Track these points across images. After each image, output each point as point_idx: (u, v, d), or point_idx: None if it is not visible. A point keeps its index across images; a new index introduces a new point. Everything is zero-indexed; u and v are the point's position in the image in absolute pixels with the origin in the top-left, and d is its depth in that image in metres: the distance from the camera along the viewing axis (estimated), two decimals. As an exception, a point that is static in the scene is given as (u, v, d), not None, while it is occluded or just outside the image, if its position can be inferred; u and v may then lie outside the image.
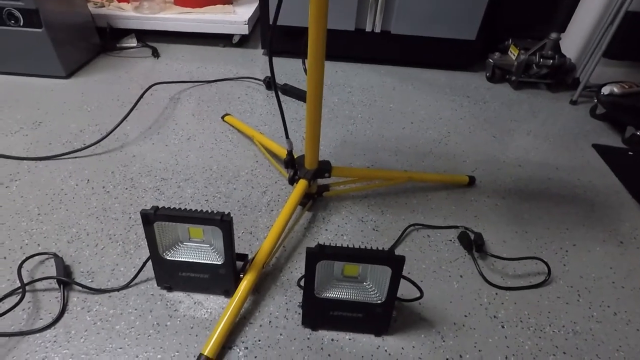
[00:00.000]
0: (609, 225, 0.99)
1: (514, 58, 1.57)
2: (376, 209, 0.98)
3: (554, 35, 1.48)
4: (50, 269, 0.78)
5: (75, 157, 1.07)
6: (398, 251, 0.88)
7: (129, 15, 1.64)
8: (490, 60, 1.59)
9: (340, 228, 0.92)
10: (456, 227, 0.95)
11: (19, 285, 0.73)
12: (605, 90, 1.42)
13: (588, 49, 1.52)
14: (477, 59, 1.65)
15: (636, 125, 1.29)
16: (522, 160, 1.19)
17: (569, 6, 1.46)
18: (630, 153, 1.27)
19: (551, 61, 1.50)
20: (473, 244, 0.88)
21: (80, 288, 0.75)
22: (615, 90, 1.41)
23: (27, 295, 0.73)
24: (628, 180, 1.14)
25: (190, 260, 0.72)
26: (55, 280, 0.76)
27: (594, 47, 1.48)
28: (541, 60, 1.51)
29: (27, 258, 0.79)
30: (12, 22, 1.29)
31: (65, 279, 0.75)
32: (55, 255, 0.80)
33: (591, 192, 1.09)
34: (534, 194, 1.07)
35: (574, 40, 1.58)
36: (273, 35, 0.75)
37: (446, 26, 1.55)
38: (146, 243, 0.71)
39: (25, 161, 1.04)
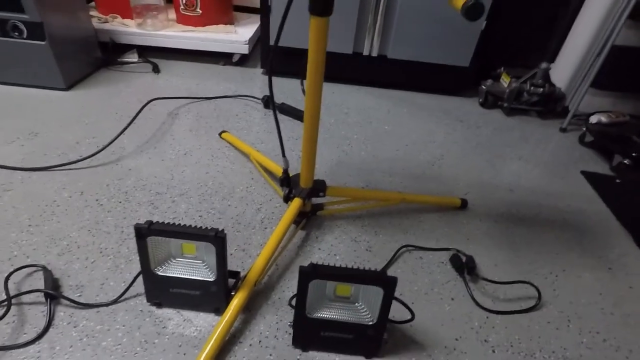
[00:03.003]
0: (598, 252, 1.00)
1: (505, 85, 1.61)
2: (369, 229, 0.99)
3: (544, 65, 1.53)
4: (38, 281, 0.77)
5: (70, 169, 1.07)
6: (390, 272, 0.88)
7: (132, 32, 1.67)
8: (483, 87, 1.64)
9: (333, 247, 0.93)
10: (448, 249, 0.95)
11: (5, 298, 0.72)
12: (594, 119, 1.47)
13: (577, 79, 1.57)
14: (471, 85, 1.70)
15: (623, 154, 1.33)
16: (514, 185, 1.21)
17: (558, 38, 1.52)
18: (617, 180, 1.30)
19: (541, 89, 1.55)
20: (465, 267, 0.89)
21: (68, 302, 0.74)
22: (603, 119, 1.46)
23: (13, 308, 0.72)
24: (616, 208, 1.16)
25: (182, 276, 0.71)
26: (42, 293, 0.74)
27: (582, 77, 1.53)
28: (532, 88, 1.56)
29: (15, 270, 0.78)
30: (16, 34, 1.31)
31: (53, 293, 0.74)
32: (44, 268, 0.79)
33: (581, 218, 1.11)
34: (525, 218, 1.09)
35: (563, 70, 1.63)
36: (273, 57, 0.77)
37: (441, 52, 1.60)
38: (138, 258, 0.71)
39: (19, 171, 1.04)
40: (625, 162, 1.32)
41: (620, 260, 0.99)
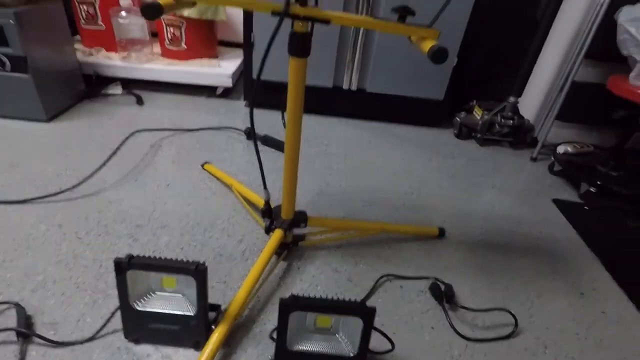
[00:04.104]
0: (571, 277, 1.04)
1: (478, 118, 1.70)
2: (350, 259, 1.00)
3: (512, 99, 1.63)
4: (10, 319, 0.75)
5: (49, 202, 1.06)
6: (371, 302, 0.89)
7: (116, 64, 1.70)
8: (457, 119, 1.72)
9: (314, 278, 0.93)
10: (427, 278, 0.97)
11: (-26, 337, 0.69)
12: (560, 149, 1.56)
13: (543, 111, 1.68)
14: (446, 117, 1.78)
15: (589, 182, 1.40)
16: (488, 213, 1.26)
17: (524, 73, 1.62)
18: (585, 208, 1.36)
19: (511, 122, 1.64)
20: (444, 295, 0.91)
21: (41, 341, 0.72)
22: (569, 149, 1.54)
23: (-18, 348, 0.69)
24: (585, 234, 1.21)
25: (161, 311, 0.71)
26: (14, 332, 0.72)
27: (548, 110, 1.63)
28: (502, 120, 1.65)
29: (-14, 308, 0.76)
30: (0, 66, 1.32)
31: (25, 331, 0.72)
32: (16, 305, 0.77)
33: (553, 245, 1.16)
34: (500, 246, 1.12)
35: (530, 102, 1.74)
36: (256, 90, 0.80)
37: (416, 87, 1.68)
38: (116, 292, 0.70)
39: (-6, 205, 1.02)
40: (591, 189, 1.40)
41: (591, 284, 1.03)
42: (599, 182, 1.38)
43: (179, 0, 0.67)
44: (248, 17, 1.54)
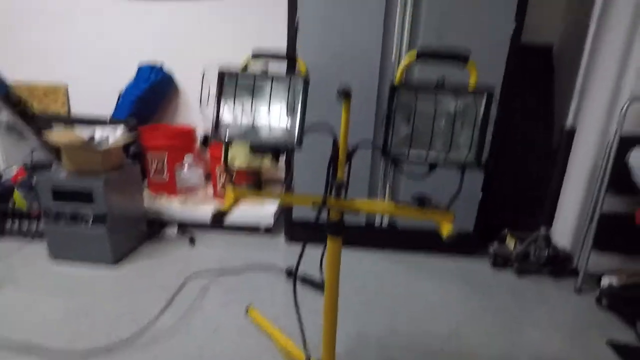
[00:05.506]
0: None
1: (512, 247, 1.73)
2: (392, 419, 0.98)
3: (543, 231, 1.66)
4: None
5: (109, 351, 1.16)
6: None
7: (175, 209, 1.95)
8: (491, 249, 1.76)
9: None
10: None
11: None
12: (605, 282, 1.51)
13: (578, 240, 1.68)
14: (478, 246, 1.82)
15: (643, 321, 1.33)
16: (536, 356, 1.20)
17: (549, 205, 1.69)
18: (646, 351, 1.27)
19: (546, 252, 1.65)
20: None
21: None
22: (615, 282, 1.50)
23: None
24: (650, 386, 1.11)
25: None
26: None
27: (582, 239, 1.64)
28: (537, 251, 1.66)
29: None
30: (84, 222, 1.58)
31: None
32: None
33: (614, 401, 1.07)
34: (553, 402, 1.05)
35: (563, 231, 1.76)
36: (295, 278, 0.92)
37: (445, 220, 1.77)
38: None
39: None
40: (647, 329, 1.31)
41: None
42: (653, 321, 1.30)
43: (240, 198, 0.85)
44: (288, 164, 1.78)
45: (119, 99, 2.22)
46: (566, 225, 1.75)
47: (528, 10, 1.54)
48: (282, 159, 1.80)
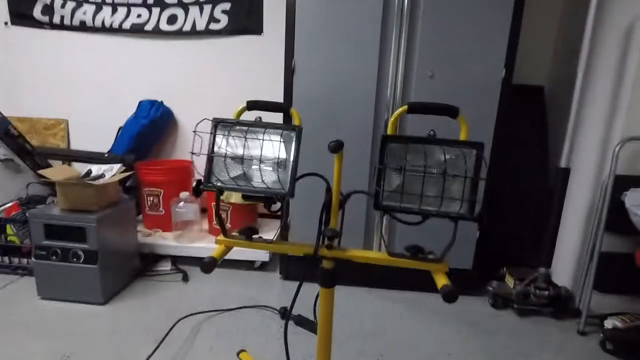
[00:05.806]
0: None
1: (511, 286, 1.69)
2: None
3: (542, 270, 1.63)
4: None
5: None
6: None
7: (169, 244, 1.92)
8: (490, 288, 1.72)
9: None
10: None
11: None
12: (608, 324, 1.47)
13: (579, 279, 1.65)
14: (478, 285, 1.78)
15: (650, 368, 1.28)
16: (540, 410, 1.15)
17: (547, 244, 1.66)
18: (654, 402, 1.21)
19: (547, 292, 1.61)
20: None
21: None
22: (618, 324, 1.46)
23: None
24: None
25: None
26: None
27: (583, 279, 1.61)
28: (537, 290, 1.62)
29: None
30: (75, 259, 1.55)
31: None
32: None
33: None
34: None
35: (563, 270, 1.73)
36: (287, 327, 0.90)
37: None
38: None
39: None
40: (654, 377, 1.26)
41: None
42: (660, 368, 1.26)
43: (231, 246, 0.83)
44: (283, 210, 1.77)
45: (118, 132, 2.24)
46: (565, 265, 1.72)
47: (518, 53, 1.59)
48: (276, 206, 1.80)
